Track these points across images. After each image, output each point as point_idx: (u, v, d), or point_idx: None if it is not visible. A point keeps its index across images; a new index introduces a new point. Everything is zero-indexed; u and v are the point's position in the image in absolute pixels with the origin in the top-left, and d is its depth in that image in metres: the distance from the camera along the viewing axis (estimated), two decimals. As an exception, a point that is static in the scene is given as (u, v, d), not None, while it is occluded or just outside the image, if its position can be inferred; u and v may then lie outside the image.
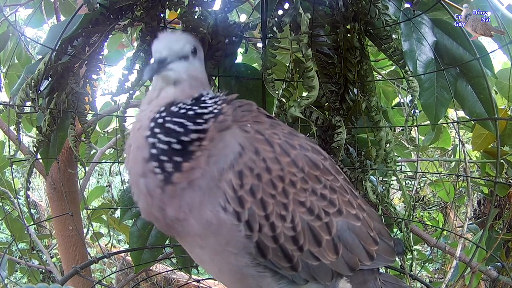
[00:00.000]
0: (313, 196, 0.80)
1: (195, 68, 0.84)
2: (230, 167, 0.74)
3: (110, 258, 2.05)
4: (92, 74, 1.31)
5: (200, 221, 0.74)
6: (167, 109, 0.79)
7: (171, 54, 0.81)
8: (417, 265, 2.12)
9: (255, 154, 0.76)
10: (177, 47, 0.82)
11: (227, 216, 0.74)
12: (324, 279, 0.82)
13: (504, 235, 2.06)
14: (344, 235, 0.84)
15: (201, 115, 0.79)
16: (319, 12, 1.30)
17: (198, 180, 0.74)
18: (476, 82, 1.28)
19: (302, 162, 0.80)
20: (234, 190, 0.73)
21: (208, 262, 0.82)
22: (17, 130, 1.21)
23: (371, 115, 1.33)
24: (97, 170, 5.41)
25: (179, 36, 0.85)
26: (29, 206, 1.37)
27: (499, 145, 1.23)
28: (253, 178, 0.75)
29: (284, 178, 0.77)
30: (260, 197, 0.75)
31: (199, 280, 1.87)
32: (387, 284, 1.00)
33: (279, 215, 0.76)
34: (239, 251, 0.75)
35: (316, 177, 0.82)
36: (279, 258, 0.77)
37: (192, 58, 0.84)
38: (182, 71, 0.81)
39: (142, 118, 0.81)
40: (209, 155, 0.75)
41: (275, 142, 0.79)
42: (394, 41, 1.24)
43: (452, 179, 2.42)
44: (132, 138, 0.81)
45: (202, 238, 0.77)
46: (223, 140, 0.77)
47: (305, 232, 0.78)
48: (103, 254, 1.48)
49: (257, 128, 0.81)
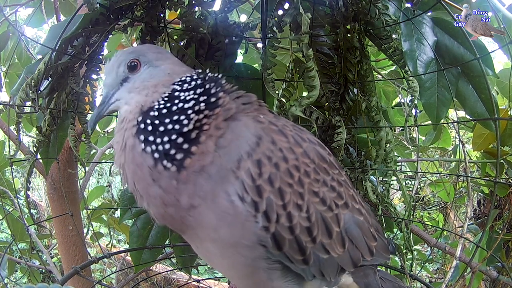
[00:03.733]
0: (324, 187, 0.81)
1: (141, 80, 0.84)
2: (248, 156, 0.74)
3: (110, 258, 2.05)
4: (92, 74, 1.31)
5: (215, 211, 0.74)
6: (145, 116, 0.79)
7: (109, 89, 0.87)
8: (417, 265, 2.11)
9: (272, 143, 0.76)
10: (110, 79, 0.87)
11: (243, 207, 0.73)
12: (330, 274, 0.83)
13: (504, 235, 2.06)
14: (350, 228, 0.85)
15: (187, 108, 0.78)
16: (319, 12, 1.30)
17: (208, 167, 0.74)
18: (477, 82, 1.28)
19: (312, 154, 0.81)
20: (252, 179, 0.73)
21: (218, 256, 0.81)
22: (17, 130, 1.21)
23: (371, 115, 1.33)
24: (97, 170, 5.41)
25: (112, 64, 0.87)
26: (29, 206, 1.37)
27: (499, 145, 1.23)
28: (271, 167, 0.74)
29: (299, 167, 0.77)
30: (278, 186, 0.75)
31: (199, 280, 1.88)
32: (386, 282, 1.01)
33: (296, 205, 0.76)
34: (253, 243, 0.75)
35: (325, 169, 0.83)
36: (294, 250, 0.77)
37: (134, 74, 0.85)
38: (125, 94, 0.84)
39: (123, 138, 0.80)
40: (218, 143, 0.75)
41: (288, 133, 0.80)
42: (394, 41, 1.24)
43: (452, 179, 2.42)
44: (123, 158, 0.80)
45: (216, 230, 0.76)
46: (234, 131, 0.77)
47: (318, 222, 0.79)
48: (103, 254, 1.47)
49: (269, 119, 0.81)
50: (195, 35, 1.36)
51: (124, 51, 0.88)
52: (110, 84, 0.87)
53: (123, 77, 0.86)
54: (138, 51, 0.88)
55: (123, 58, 0.86)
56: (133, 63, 0.85)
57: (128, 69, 0.85)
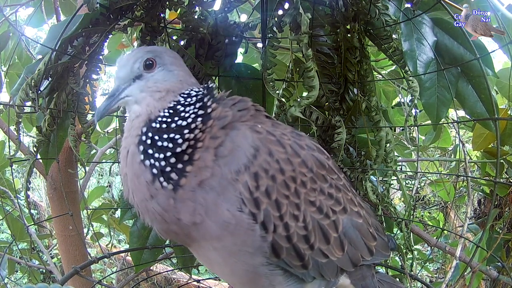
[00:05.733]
0: (321, 195, 0.82)
1: (154, 81, 0.84)
2: (245, 169, 0.75)
3: (111, 258, 2.05)
4: (92, 74, 1.31)
5: (218, 222, 0.75)
6: (149, 127, 0.80)
7: (120, 82, 0.85)
8: (417, 265, 2.11)
9: (268, 155, 0.77)
10: (123, 72, 0.85)
11: (244, 215, 0.74)
12: (330, 275, 0.85)
13: (504, 235, 2.06)
14: (349, 232, 0.86)
15: (184, 126, 0.78)
16: (319, 12, 1.30)
17: (208, 180, 0.75)
18: (476, 82, 1.28)
19: (311, 162, 0.82)
20: (250, 192, 0.74)
21: (221, 264, 0.82)
22: (17, 130, 1.21)
23: (371, 115, 1.33)
24: (97, 170, 5.41)
25: (127, 58, 0.86)
26: (29, 206, 1.37)
27: (499, 145, 1.23)
28: (268, 179, 0.75)
29: (296, 178, 0.78)
30: (275, 198, 0.76)
31: (199, 280, 1.88)
32: (384, 284, 1.02)
33: (292, 215, 0.77)
34: (254, 250, 0.76)
35: (323, 177, 0.84)
36: (292, 257, 0.78)
37: (148, 73, 0.85)
38: (136, 92, 0.84)
39: (127, 145, 0.81)
40: (217, 154, 0.76)
41: (286, 143, 0.80)
42: (394, 41, 1.24)
43: (452, 179, 2.42)
44: (126, 167, 0.81)
45: (219, 240, 0.77)
46: (233, 141, 0.77)
47: (315, 230, 0.80)
48: (103, 254, 1.47)
49: (267, 128, 0.81)
50: (195, 35, 1.36)
51: (142, 48, 0.89)
52: (122, 78, 0.86)
53: (137, 74, 0.85)
54: (156, 51, 0.88)
55: (140, 55, 0.85)
56: (149, 61, 0.85)
57: (144, 67, 0.85)
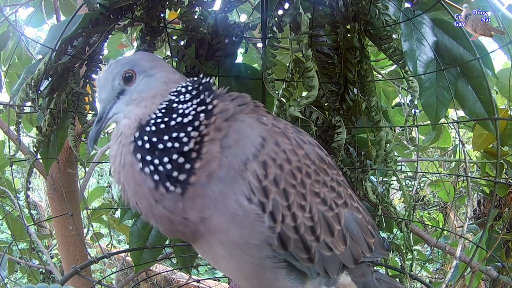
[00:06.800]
0: (324, 187, 0.83)
1: (138, 92, 0.81)
2: (254, 158, 0.75)
3: (110, 258, 2.05)
4: (92, 74, 1.31)
5: (225, 214, 0.74)
6: (142, 131, 0.77)
7: (105, 103, 0.83)
8: (417, 265, 2.11)
9: (275, 145, 0.77)
10: (105, 94, 0.83)
11: (252, 206, 0.74)
12: (333, 271, 0.85)
13: (504, 235, 2.06)
14: (350, 226, 0.87)
15: (186, 123, 0.76)
16: (319, 12, 1.30)
17: (216, 172, 0.74)
18: (476, 82, 1.28)
19: (313, 155, 0.83)
20: (259, 180, 0.74)
21: (227, 257, 0.81)
22: (17, 130, 1.21)
23: (371, 115, 1.33)
24: (97, 170, 5.41)
25: (105, 78, 0.83)
26: (29, 206, 1.37)
27: (499, 145, 1.23)
28: (276, 168, 0.76)
29: (301, 169, 0.79)
30: (283, 187, 0.76)
31: (199, 280, 1.88)
32: (382, 283, 1.03)
33: (299, 205, 0.78)
34: (261, 243, 0.76)
35: (325, 170, 0.85)
36: (299, 249, 0.78)
37: (130, 86, 0.82)
38: (123, 107, 0.81)
39: (118, 154, 0.78)
40: (223, 144, 0.75)
41: (290, 135, 0.82)
42: (394, 41, 1.24)
43: (452, 179, 2.42)
44: (125, 177, 0.78)
45: (225, 233, 0.76)
46: (238, 131, 0.77)
47: (321, 222, 0.81)
48: (103, 254, 1.47)
49: (271, 121, 0.82)
50: (195, 35, 1.36)
51: (117, 62, 0.84)
52: (105, 99, 0.83)
53: (119, 90, 0.82)
54: (132, 61, 0.84)
55: (117, 70, 0.82)
56: (128, 74, 0.82)
57: (124, 80, 0.82)
